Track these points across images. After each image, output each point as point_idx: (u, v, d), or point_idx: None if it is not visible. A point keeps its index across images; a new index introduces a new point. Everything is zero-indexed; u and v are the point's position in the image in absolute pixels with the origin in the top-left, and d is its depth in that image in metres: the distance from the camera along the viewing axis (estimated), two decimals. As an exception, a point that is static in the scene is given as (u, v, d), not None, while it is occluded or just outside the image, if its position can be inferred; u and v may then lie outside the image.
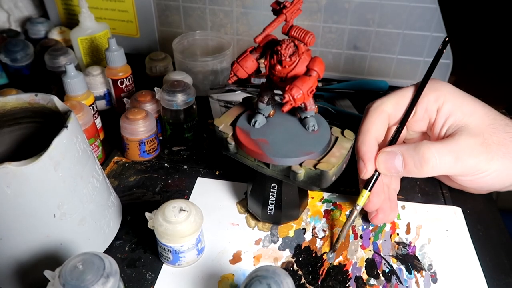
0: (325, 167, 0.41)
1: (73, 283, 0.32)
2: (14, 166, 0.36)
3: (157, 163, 0.59)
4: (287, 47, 0.39)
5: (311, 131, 0.44)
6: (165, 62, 0.71)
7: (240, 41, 0.79)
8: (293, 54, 0.39)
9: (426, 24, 0.69)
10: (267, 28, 0.41)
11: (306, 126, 0.45)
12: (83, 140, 0.42)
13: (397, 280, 0.45)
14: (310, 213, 0.52)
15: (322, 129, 0.45)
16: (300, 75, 0.40)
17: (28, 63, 0.73)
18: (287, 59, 0.39)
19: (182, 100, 0.58)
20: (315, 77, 0.40)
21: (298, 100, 0.39)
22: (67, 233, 0.42)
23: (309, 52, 0.41)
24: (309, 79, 0.39)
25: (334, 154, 0.43)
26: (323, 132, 0.44)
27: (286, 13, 0.40)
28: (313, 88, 0.39)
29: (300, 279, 0.45)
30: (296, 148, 0.42)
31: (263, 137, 0.44)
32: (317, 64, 0.40)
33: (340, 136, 0.45)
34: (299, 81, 0.39)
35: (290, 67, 0.40)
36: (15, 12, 0.86)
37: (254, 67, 0.43)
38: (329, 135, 0.44)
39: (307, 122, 0.45)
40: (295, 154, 0.42)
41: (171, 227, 0.42)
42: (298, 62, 0.40)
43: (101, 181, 0.45)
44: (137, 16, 0.80)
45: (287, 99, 0.39)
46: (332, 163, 0.41)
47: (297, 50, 0.39)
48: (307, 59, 0.41)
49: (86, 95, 0.59)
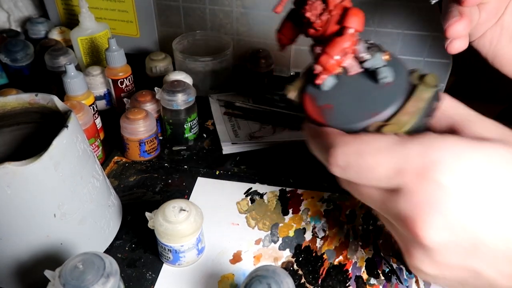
0: (391, 129, 0.33)
1: (73, 283, 0.32)
2: (14, 166, 0.35)
3: (157, 163, 0.59)
4: (312, 6, 0.34)
5: (384, 84, 0.36)
6: (165, 62, 0.71)
7: (240, 41, 0.79)
8: (322, 12, 0.34)
9: (426, 24, 0.69)
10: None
11: (377, 78, 0.36)
12: (83, 140, 0.42)
13: (397, 280, 0.45)
14: (310, 213, 0.52)
15: (398, 78, 0.36)
16: (332, 39, 0.34)
17: (28, 63, 0.73)
18: (317, 20, 0.34)
19: (182, 100, 0.58)
20: (350, 34, 0.34)
21: (331, 67, 0.34)
22: (67, 233, 0.42)
23: (347, 3, 0.34)
24: (341, 40, 0.33)
25: (407, 110, 0.34)
26: (398, 83, 0.36)
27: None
28: (347, 48, 0.34)
29: (300, 278, 0.45)
30: (362, 109, 0.35)
31: (330, 101, 0.37)
32: (350, 17, 0.33)
33: (419, 84, 0.35)
34: (328, 46, 0.34)
35: (324, 28, 0.34)
36: (15, 12, 0.86)
37: (295, 34, 0.38)
38: (405, 85, 0.35)
39: (377, 73, 0.36)
40: (359, 118, 0.35)
41: (171, 227, 0.42)
42: (330, 20, 0.34)
43: (101, 181, 0.45)
44: (137, 16, 0.80)
45: (317, 70, 0.35)
46: (402, 123, 0.33)
47: (327, 6, 0.33)
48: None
49: (86, 95, 0.59)
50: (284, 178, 0.57)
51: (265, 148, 0.62)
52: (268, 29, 0.76)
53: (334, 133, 0.34)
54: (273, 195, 0.54)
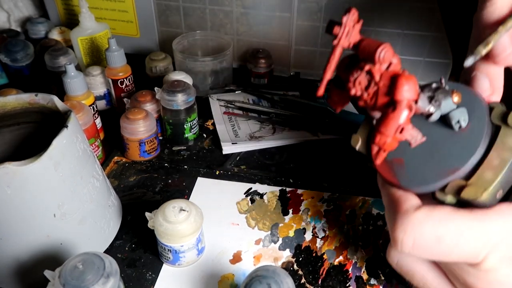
0: (473, 193, 0.28)
1: (73, 283, 0.32)
2: (14, 166, 0.35)
3: (157, 163, 0.59)
4: (356, 81, 0.30)
5: (458, 129, 0.31)
6: (165, 62, 0.71)
7: (240, 41, 0.79)
8: (368, 85, 0.30)
9: (426, 24, 0.69)
10: (326, 72, 0.31)
11: (450, 124, 0.31)
12: (83, 140, 0.42)
13: (397, 280, 0.45)
14: (310, 213, 0.52)
15: (475, 120, 0.30)
16: (384, 112, 0.30)
17: (28, 63, 0.73)
18: (364, 94, 0.31)
19: (182, 100, 0.58)
20: (402, 108, 0.29)
21: (389, 146, 0.30)
22: (67, 233, 0.42)
23: (396, 68, 0.30)
24: (394, 116, 0.29)
25: (491, 163, 0.28)
26: (476, 126, 0.30)
27: (339, 41, 0.30)
28: (403, 124, 0.29)
29: (300, 279, 0.45)
30: (437, 165, 0.30)
31: (399, 155, 0.33)
32: (400, 88, 0.29)
33: (503, 126, 0.29)
34: (381, 124, 0.30)
35: (373, 100, 0.31)
36: (15, 12, 0.86)
37: (345, 100, 0.34)
38: (485, 128, 0.29)
39: (449, 119, 0.31)
40: (434, 176, 0.30)
41: (171, 227, 0.42)
42: (379, 91, 0.30)
43: (101, 181, 0.45)
44: (137, 16, 0.80)
45: (374, 150, 0.31)
46: (486, 182, 0.28)
47: (372, 77, 0.30)
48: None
49: (86, 95, 0.59)
50: (284, 178, 0.57)
51: (265, 148, 0.62)
52: (268, 29, 0.76)
53: (404, 204, 0.30)
54: (273, 195, 0.54)
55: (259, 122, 0.67)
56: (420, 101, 0.30)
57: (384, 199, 0.34)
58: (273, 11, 0.74)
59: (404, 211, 0.30)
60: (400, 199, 0.31)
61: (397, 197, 0.31)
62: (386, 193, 0.33)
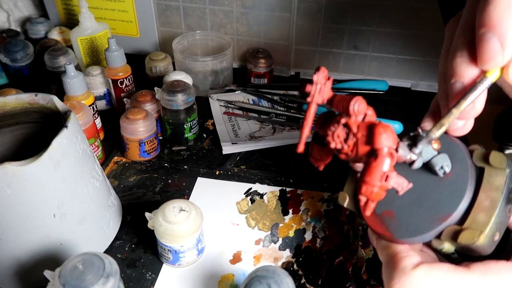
0: (469, 238, 0.28)
1: (73, 283, 0.32)
2: (14, 166, 0.35)
3: (157, 163, 0.59)
4: (334, 135, 0.31)
5: (443, 175, 0.32)
6: (165, 62, 0.71)
7: (240, 41, 0.79)
8: (347, 138, 0.30)
9: (426, 24, 0.69)
10: (303, 128, 0.31)
11: (434, 170, 0.32)
12: (83, 140, 0.42)
13: (397, 280, 0.45)
14: (310, 213, 0.52)
15: (457, 165, 0.31)
16: (367, 161, 0.30)
17: (28, 63, 0.73)
18: (344, 146, 0.31)
19: (182, 100, 0.58)
20: (384, 156, 0.29)
21: (376, 196, 0.30)
22: (67, 233, 0.42)
23: (371, 118, 0.30)
24: (376, 164, 0.29)
25: (482, 206, 0.29)
26: (459, 171, 0.31)
27: (313, 98, 0.31)
28: (387, 171, 0.29)
29: (300, 279, 0.45)
30: (428, 213, 0.31)
31: (389, 207, 0.33)
32: (377, 137, 0.29)
33: (486, 167, 0.30)
34: (365, 174, 0.30)
35: (353, 152, 0.31)
36: (15, 12, 0.86)
37: (327, 157, 0.35)
38: (468, 172, 0.30)
39: (433, 166, 0.32)
40: (427, 226, 0.30)
41: (171, 227, 0.42)
42: (358, 142, 0.30)
43: (101, 181, 0.45)
44: (137, 16, 0.80)
45: (362, 201, 0.31)
46: (481, 224, 0.28)
47: (350, 130, 0.30)
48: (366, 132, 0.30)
49: (86, 95, 0.59)
50: (284, 178, 0.57)
51: (265, 148, 0.62)
52: (268, 29, 0.76)
53: (402, 260, 0.30)
54: (273, 195, 0.54)
55: (259, 122, 0.67)
56: (401, 149, 0.30)
57: (381, 254, 0.33)
58: (273, 11, 0.74)
59: (401, 268, 0.30)
60: (398, 255, 0.31)
61: (395, 253, 0.31)
62: (382, 248, 0.33)
